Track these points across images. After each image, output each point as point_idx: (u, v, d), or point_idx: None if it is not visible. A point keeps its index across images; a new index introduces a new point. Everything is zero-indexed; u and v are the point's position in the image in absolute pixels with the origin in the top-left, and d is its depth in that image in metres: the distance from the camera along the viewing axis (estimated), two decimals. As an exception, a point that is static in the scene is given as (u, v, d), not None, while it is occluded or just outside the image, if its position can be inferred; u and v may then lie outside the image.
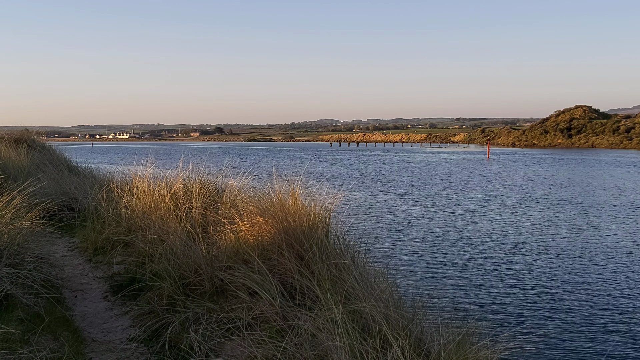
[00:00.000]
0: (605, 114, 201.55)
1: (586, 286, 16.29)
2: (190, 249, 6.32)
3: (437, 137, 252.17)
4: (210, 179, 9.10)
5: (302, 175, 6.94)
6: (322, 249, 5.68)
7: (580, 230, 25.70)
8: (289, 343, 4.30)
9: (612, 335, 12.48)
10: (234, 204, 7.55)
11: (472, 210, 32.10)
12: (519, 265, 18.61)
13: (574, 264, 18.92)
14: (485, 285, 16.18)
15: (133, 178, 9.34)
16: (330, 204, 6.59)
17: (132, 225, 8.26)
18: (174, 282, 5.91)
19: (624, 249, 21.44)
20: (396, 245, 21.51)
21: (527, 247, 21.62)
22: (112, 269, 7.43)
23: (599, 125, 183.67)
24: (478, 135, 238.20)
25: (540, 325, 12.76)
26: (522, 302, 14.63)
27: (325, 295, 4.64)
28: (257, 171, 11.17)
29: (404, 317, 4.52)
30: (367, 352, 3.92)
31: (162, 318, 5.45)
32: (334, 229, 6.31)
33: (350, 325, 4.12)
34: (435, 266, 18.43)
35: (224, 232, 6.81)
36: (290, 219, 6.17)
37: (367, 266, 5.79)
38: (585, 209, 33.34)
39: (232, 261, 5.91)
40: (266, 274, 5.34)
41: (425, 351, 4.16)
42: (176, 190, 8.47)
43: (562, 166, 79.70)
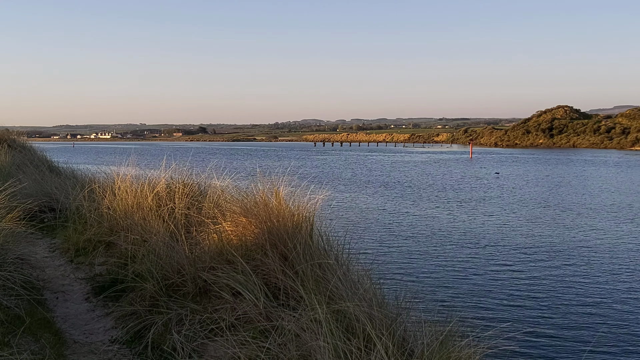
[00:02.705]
0: (587, 114, 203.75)
1: (568, 285, 16.45)
2: (173, 250, 6.28)
3: (420, 137, 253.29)
4: (193, 179, 9.05)
5: (286, 175, 6.93)
6: (305, 249, 5.67)
7: (563, 229, 25.96)
8: (272, 343, 4.29)
9: (594, 333, 12.62)
10: (218, 204, 7.51)
11: (455, 210, 32.28)
12: (502, 265, 18.75)
13: (557, 263, 19.10)
14: (468, 284, 16.28)
15: (115, 178, 9.26)
16: (314, 204, 6.58)
17: (114, 225, 8.19)
18: (157, 283, 5.88)
19: (606, 248, 21.68)
20: (380, 245, 21.58)
21: (509, 247, 21.79)
22: (94, 270, 7.37)
23: (580, 125, 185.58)
24: (461, 135, 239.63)
25: (523, 324, 12.87)
26: (505, 301, 14.75)
27: (309, 295, 4.63)
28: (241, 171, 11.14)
29: (388, 317, 4.53)
30: (351, 351, 3.92)
31: (144, 319, 5.41)
32: (318, 229, 6.30)
33: (334, 325, 4.11)
34: (418, 265, 18.51)
35: (207, 233, 6.77)
36: (274, 219, 6.16)
37: (351, 266, 5.79)
38: (568, 208, 33.68)
39: (216, 262, 5.88)
40: (250, 274, 5.32)
41: (409, 350, 4.17)
42: (159, 191, 8.41)
43: (544, 166, 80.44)
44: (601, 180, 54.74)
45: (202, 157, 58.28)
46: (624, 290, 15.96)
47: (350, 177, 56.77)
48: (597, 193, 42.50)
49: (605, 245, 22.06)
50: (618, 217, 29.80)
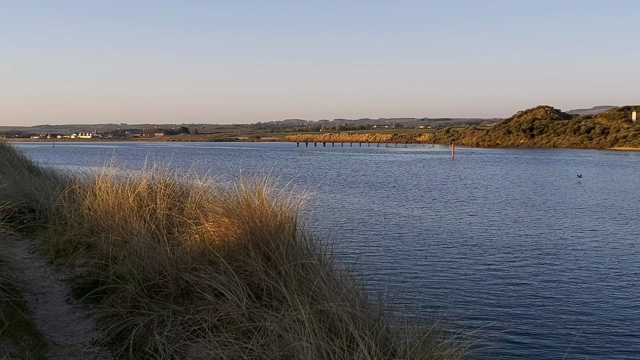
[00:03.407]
0: (567, 114, 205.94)
1: (551, 285, 16.61)
2: (155, 251, 6.23)
3: (402, 137, 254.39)
4: (175, 180, 9.00)
5: (269, 175, 6.92)
6: (288, 249, 5.66)
7: (547, 229, 26.20)
8: (255, 344, 4.28)
9: (575, 332, 12.74)
10: (200, 204, 7.47)
11: (439, 210, 32.45)
12: (485, 265, 18.88)
13: (540, 263, 19.27)
14: (451, 284, 16.37)
15: (96, 179, 9.17)
16: (297, 205, 6.57)
17: (94, 226, 8.11)
18: (138, 284, 5.83)
19: (590, 248, 21.91)
20: (364, 245, 21.61)
21: (493, 247, 21.94)
22: (74, 271, 7.29)
23: (561, 126, 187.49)
24: (443, 135, 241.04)
25: (506, 323, 12.98)
26: (488, 301, 14.85)
27: (292, 295, 4.63)
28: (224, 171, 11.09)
29: (371, 317, 4.54)
30: (334, 351, 3.92)
31: (125, 321, 5.37)
32: (301, 229, 6.29)
33: (317, 326, 4.11)
34: (402, 265, 18.58)
35: (190, 233, 6.74)
36: (256, 219, 6.14)
37: (334, 266, 5.79)
38: (552, 208, 34.00)
39: (198, 262, 5.85)
40: (232, 275, 5.30)
41: (392, 350, 4.18)
42: (140, 191, 8.35)
43: (527, 166, 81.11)
44: (584, 180, 55.35)
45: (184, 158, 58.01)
46: (605, 290, 16.14)
47: (335, 177, 56.85)
48: (581, 193, 42.96)
49: (589, 245, 22.31)
50: (602, 216, 30.15)
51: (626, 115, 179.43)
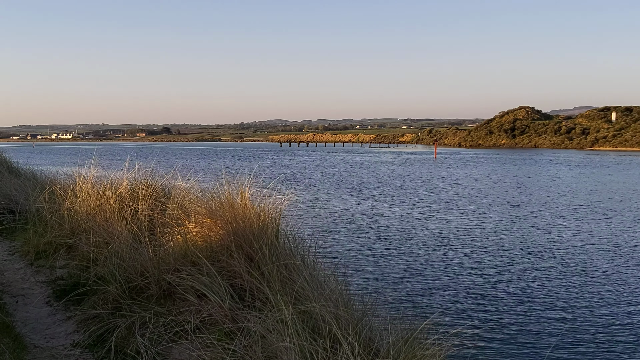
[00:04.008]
0: (548, 114, 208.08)
1: (532, 282, 16.74)
2: (137, 252, 6.19)
3: (385, 138, 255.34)
4: (157, 180, 8.94)
5: (252, 176, 6.90)
6: (271, 249, 5.65)
7: (531, 230, 26.41)
8: (238, 345, 4.27)
9: (557, 332, 12.86)
10: (182, 205, 7.44)
11: (420, 209, 32.59)
12: (469, 264, 18.98)
13: (524, 263, 19.42)
14: (434, 283, 16.44)
15: (76, 179, 9.09)
16: (280, 205, 6.57)
17: (75, 227, 8.04)
18: (120, 285, 5.79)
19: (574, 248, 22.13)
20: (346, 245, 21.64)
21: (475, 245, 22.08)
22: (54, 273, 7.22)
23: (542, 126, 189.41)
24: (425, 135, 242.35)
25: (489, 323, 13.06)
26: (471, 300, 14.93)
27: (275, 296, 4.62)
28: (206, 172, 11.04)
29: (354, 317, 4.54)
30: (317, 352, 3.91)
31: (107, 323, 5.32)
32: (284, 230, 6.29)
33: (300, 326, 4.11)
34: (385, 265, 18.62)
35: (172, 234, 6.70)
36: (239, 220, 6.12)
37: (317, 266, 5.79)
38: (537, 208, 34.28)
39: (180, 263, 5.82)
40: (215, 276, 5.28)
41: (375, 350, 4.19)
42: (122, 192, 8.29)
43: (510, 166, 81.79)
44: (568, 180, 55.95)
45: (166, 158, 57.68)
46: (589, 289, 16.31)
47: (320, 177, 56.88)
48: (565, 193, 43.38)
49: (573, 245, 22.52)
50: (586, 217, 30.45)
51: (606, 115, 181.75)
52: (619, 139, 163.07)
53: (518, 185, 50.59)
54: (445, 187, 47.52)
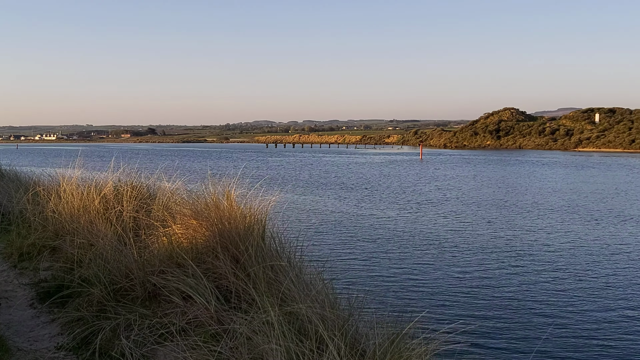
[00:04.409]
0: (532, 116, 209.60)
1: (519, 283, 16.85)
2: (121, 254, 6.15)
3: (371, 139, 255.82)
4: (142, 182, 8.89)
5: (238, 177, 6.88)
6: (257, 251, 5.63)
7: (515, 229, 26.58)
8: (224, 347, 4.25)
9: (542, 331, 12.95)
10: (167, 206, 7.40)
11: (406, 210, 32.68)
12: (454, 264, 19.06)
13: (508, 262, 19.53)
14: (421, 284, 16.49)
15: (60, 181, 9.01)
16: (266, 206, 6.55)
17: (59, 229, 7.97)
18: (104, 287, 5.74)
19: (556, 247, 22.28)
20: (333, 246, 21.64)
21: (462, 246, 22.18)
22: (38, 275, 7.15)
23: (526, 127, 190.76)
24: (411, 136, 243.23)
25: (475, 322, 13.11)
26: (457, 300, 15.00)
27: (261, 297, 4.60)
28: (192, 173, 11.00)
29: (340, 318, 4.54)
30: (304, 353, 3.91)
31: (91, 325, 5.28)
32: (270, 231, 6.28)
33: (286, 327, 4.10)
34: (371, 266, 18.65)
35: (157, 236, 6.66)
36: (225, 221, 6.10)
37: (304, 267, 5.78)
38: (518, 208, 34.51)
39: (165, 265, 5.79)
40: (200, 277, 5.25)
41: (361, 350, 4.19)
42: (106, 193, 8.23)
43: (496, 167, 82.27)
44: (554, 181, 56.38)
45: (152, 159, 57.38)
46: (575, 290, 16.43)
47: (307, 178, 56.84)
48: (551, 194, 43.69)
49: (560, 246, 22.69)
50: (573, 217, 30.69)
51: (590, 117, 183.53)
52: (603, 140, 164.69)
53: (505, 186, 50.91)
54: (432, 188, 47.70)
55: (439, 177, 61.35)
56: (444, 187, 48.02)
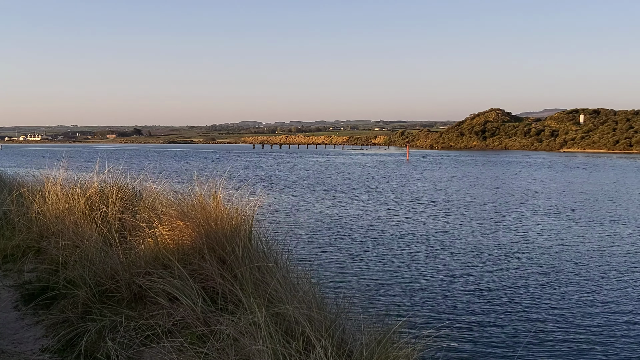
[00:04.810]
0: (517, 117, 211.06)
1: (505, 283, 16.94)
2: (107, 255, 6.11)
3: (358, 140, 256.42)
4: (128, 183, 8.84)
5: (224, 177, 6.86)
6: (244, 252, 5.62)
7: (499, 230, 26.72)
8: (210, 348, 4.23)
9: (528, 330, 13.03)
10: (153, 207, 7.35)
11: (393, 211, 32.77)
12: (441, 265, 19.13)
13: (494, 262, 19.63)
14: (407, 285, 16.54)
15: (45, 182, 8.93)
16: (253, 207, 6.54)
17: (44, 231, 7.90)
18: (90, 289, 5.70)
19: (542, 247, 22.43)
20: (321, 247, 21.65)
21: (449, 247, 22.26)
22: (23, 277, 7.08)
23: (512, 128, 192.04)
24: (398, 137, 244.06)
25: (461, 321, 13.17)
26: (444, 300, 15.05)
27: (248, 298, 4.59)
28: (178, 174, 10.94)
29: (327, 318, 4.54)
30: (291, 354, 3.90)
31: (77, 327, 5.24)
32: (257, 232, 6.26)
33: (273, 329, 4.09)
34: (359, 266, 18.67)
35: (143, 237, 6.62)
36: (212, 222, 6.08)
37: (291, 268, 5.78)
38: (506, 208, 34.71)
39: (151, 266, 5.76)
40: (187, 278, 5.23)
41: (348, 351, 4.19)
42: (91, 194, 8.17)
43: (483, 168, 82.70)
44: (540, 181, 56.78)
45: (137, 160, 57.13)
46: (560, 289, 16.55)
47: (295, 179, 56.81)
48: (538, 194, 43.96)
49: (546, 247, 22.83)
50: (560, 218, 30.89)
51: (574, 118, 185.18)
52: (587, 141, 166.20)
53: (492, 187, 51.19)
54: (421, 188, 47.86)
55: (427, 177, 61.58)
56: (432, 188, 48.21)
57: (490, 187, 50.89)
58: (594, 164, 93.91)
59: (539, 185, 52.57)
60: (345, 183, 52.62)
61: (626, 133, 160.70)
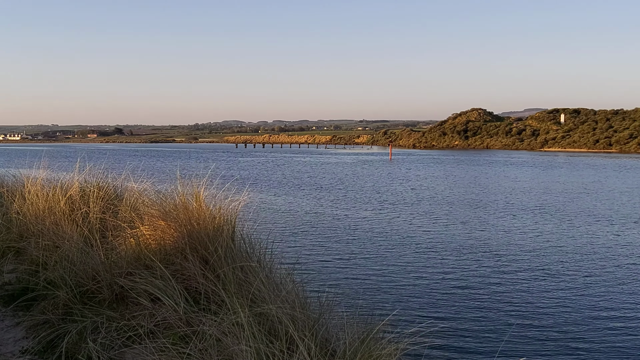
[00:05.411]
0: (499, 116, 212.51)
1: (486, 283, 17.06)
2: (88, 255, 6.05)
3: (341, 139, 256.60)
4: (109, 182, 8.77)
5: (207, 177, 6.83)
6: (227, 252, 5.60)
7: (483, 229, 26.90)
8: (193, 349, 4.21)
9: (508, 328, 13.14)
10: (135, 207, 7.30)
11: (375, 210, 32.85)
12: (425, 264, 19.22)
13: (476, 262, 19.76)
14: (391, 284, 16.59)
15: (25, 181, 8.83)
16: (236, 207, 6.52)
17: (24, 231, 7.81)
18: (70, 290, 5.65)
19: (525, 246, 22.61)
20: (305, 246, 21.64)
21: (428, 244, 22.37)
22: (2, 278, 6.99)
23: (493, 128, 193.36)
24: (381, 137, 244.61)
25: (444, 320, 13.25)
26: (427, 299, 15.13)
27: (231, 298, 4.57)
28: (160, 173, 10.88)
29: (310, 318, 4.54)
30: (274, 354, 3.90)
31: (57, 328, 5.19)
32: (240, 232, 6.24)
33: (256, 329, 4.08)
34: (343, 266, 18.70)
35: (124, 237, 6.57)
36: (194, 222, 6.05)
37: (274, 268, 5.77)
38: (490, 207, 34.94)
39: (133, 267, 5.72)
40: (169, 279, 5.20)
41: (331, 350, 4.19)
42: (72, 194, 8.08)
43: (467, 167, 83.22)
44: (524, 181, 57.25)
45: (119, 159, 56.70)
46: (541, 287, 16.70)
47: (280, 179, 56.74)
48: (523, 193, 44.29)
49: (530, 245, 23.02)
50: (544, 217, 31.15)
51: (555, 117, 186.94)
52: (568, 140, 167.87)
53: (476, 185, 51.54)
54: (406, 188, 48.03)
55: (411, 177, 61.82)
56: (417, 187, 48.40)
57: (474, 186, 51.23)
58: (575, 163, 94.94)
59: (522, 184, 53.02)
60: (329, 182, 52.67)
61: (606, 132, 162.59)
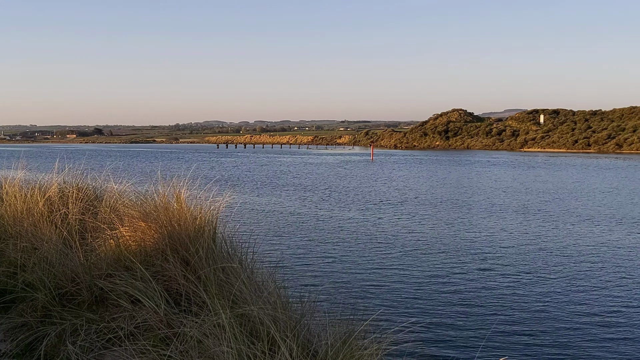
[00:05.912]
0: (479, 117, 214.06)
1: (467, 280, 17.16)
2: (67, 257, 5.98)
3: (323, 140, 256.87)
4: (88, 183, 8.68)
5: (188, 178, 6.79)
6: (208, 253, 5.57)
7: (461, 226, 27.06)
8: (174, 351, 4.19)
9: (489, 326, 13.23)
10: (115, 208, 7.23)
11: (357, 210, 32.90)
12: (407, 264, 19.28)
13: (457, 259, 19.87)
14: (373, 284, 16.63)
15: (2, 182, 8.71)
16: (217, 208, 6.49)
17: (1, 233, 7.70)
18: (49, 292, 5.58)
19: (504, 245, 22.78)
20: (287, 247, 21.61)
21: (411, 244, 22.46)
22: (-21, 281, 6.89)
23: (474, 128, 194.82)
24: (362, 137, 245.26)
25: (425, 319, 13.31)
26: (409, 299, 15.19)
27: (212, 300, 4.55)
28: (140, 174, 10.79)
29: (292, 318, 4.53)
30: (256, 355, 3.89)
31: (36, 331, 5.13)
32: (222, 233, 6.22)
33: (237, 330, 4.07)
34: (325, 267, 18.70)
35: (104, 239, 6.51)
36: (175, 223, 6.01)
37: (256, 269, 5.75)
38: (470, 207, 35.17)
39: (113, 268, 5.66)
40: (149, 280, 5.16)
41: (313, 351, 4.19)
42: (51, 195, 7.99)
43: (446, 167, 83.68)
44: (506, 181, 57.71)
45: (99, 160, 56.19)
46: (522, 286, 16.83)
47: (263, 179, 56.63)
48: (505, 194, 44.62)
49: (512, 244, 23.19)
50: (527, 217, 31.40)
51: (535, 118, 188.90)
52: (547, 141, 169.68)
53: (459, 186, 51.87)
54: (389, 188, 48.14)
55: (394, 177, 62.04)
56: (400, 188, 48.57)
57: (457, 186, 51.56)
58: (554, 164, 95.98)
59: (504, 184, 53.47)
60: (312, 183, 52.67)
61: (584, 133, 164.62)
